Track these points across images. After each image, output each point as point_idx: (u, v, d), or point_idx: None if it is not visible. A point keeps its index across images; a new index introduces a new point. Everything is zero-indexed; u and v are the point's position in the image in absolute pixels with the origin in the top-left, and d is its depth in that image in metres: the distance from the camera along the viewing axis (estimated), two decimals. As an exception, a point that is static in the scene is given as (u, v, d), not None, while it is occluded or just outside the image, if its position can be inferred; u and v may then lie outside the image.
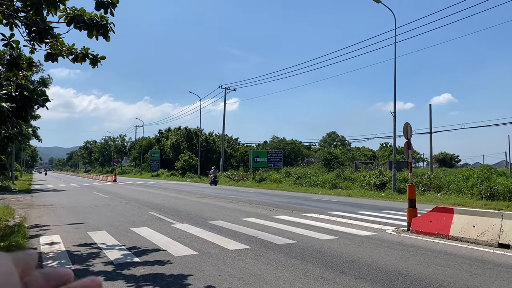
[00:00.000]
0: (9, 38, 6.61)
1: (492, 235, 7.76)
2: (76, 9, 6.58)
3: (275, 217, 12.17)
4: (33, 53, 7.19)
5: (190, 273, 5.81)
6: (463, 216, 8.46)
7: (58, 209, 14.83)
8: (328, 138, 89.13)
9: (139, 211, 13.95)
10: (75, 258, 6.87)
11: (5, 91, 6.01)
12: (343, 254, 7.04)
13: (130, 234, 9.22)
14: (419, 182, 22.35)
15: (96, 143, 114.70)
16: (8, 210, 13.27)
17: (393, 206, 15.67)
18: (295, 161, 69.61)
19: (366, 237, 8.80)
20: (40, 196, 21.83)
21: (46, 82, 31.55)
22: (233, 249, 7.44)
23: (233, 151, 69.76)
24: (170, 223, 10.83)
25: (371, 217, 12.30)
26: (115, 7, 6.32)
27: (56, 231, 9.66)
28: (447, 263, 6.42)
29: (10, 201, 17.84)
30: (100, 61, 7.45)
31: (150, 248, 7.59)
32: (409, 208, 9.71)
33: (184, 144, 68.67)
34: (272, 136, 79.14)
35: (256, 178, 37.82)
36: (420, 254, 7.04)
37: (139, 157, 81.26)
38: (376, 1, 23.79)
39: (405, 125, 10.81)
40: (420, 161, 74.71)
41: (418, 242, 8.22)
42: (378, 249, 7.50)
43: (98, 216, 12.51)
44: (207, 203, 17.15)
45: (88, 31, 6.67)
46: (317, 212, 13.40)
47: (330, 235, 8.88)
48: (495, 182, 18.91)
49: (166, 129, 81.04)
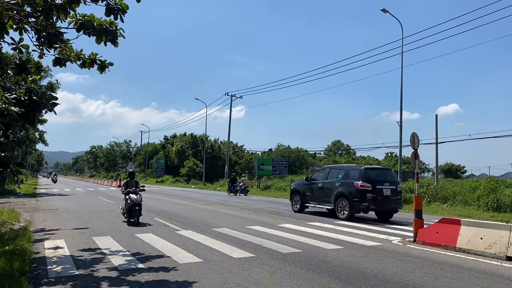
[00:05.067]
0: (18, 43, 6.65)
1: (500, 247, 7.66)
2: (86, 15, 6.62)
3: (280, 225, 12.11)
4: (41, 57, 7.23)
5: (195, 280, 5.77)
6: (471, 228, 8.36)
7: (63, 214, 14.85)
8: (333, 147, 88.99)
9: (144, 216, 13.92)
10: (79, 263, 6.85)
11: (14, 95, 6.04)
12: (348, 264, 6.97)
13: (135, 240, 9.20)
14: (425, 193, 22.18)
15: (101, 148, 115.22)
16: (13, 213, 13.31)
17: (398, 217, 15.55)
18: (300, 169, 69.52)
19: (372, 247, 8.72)
20: (45, 200, 21.89)
21: (54, 87, 31.72)
22: (238, 257, 7.39)
23: (238, 158, 69.75)
24: (175, 230, 10.80)
25: (376, 227, 12.21)
26: (125, 13, 6.35)
27: (60, 236, 9.66)
28: (454, 275, 6.34)
29: (16, 204, 17.88)
30: (108, 67, 7.48)
31: (155, 255, 7.56)
32: (415, 219, 9.62)
33: (189, 150, 68.77)
34: (277, 144, 79.30)
35: (261, 186, 37.76)
36: (427, 266, 6.95)
37: (144, 162, 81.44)
38: (384, 11, 23.85)
39: (412, 135, 10.76)
40: (426, 171, 74.35)
41: (425, 253, 8.13)
42: (384, 259, 7.42)
43: (103, 221, 12.51)
44: (212, 210, 17.11)
45: (97, 37, 6.70)
46: (322, 221, 13.32)
47: (335, 245, 8.81)
48: (502, 193, 18.72)
49: (172, 135, 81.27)
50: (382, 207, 14.46)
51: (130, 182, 12.68)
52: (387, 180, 14.45)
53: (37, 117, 7.18)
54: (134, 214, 11.73)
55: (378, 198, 13.87)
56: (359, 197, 13.84)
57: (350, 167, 16.05)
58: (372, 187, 13.81)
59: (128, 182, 12.69)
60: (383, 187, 14.08)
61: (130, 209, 11.79)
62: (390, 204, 14.46)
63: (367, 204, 13.80)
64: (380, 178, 14.43)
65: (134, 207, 11.77)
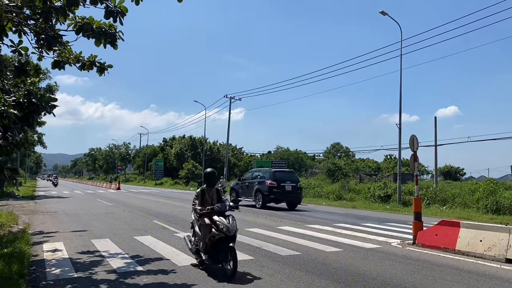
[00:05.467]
0: (18, 45, 6.65)
1: (499, 250, 7.66)
2: (85, 18, 6.63)
3: (279, 227, 12.10)
4: (40, 60, 7.23)
5: (193, 283, 5.76)
6: (470, 230, 8.36)
7: (61, 216, 14.81)
8: (333, 149, 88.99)
9: (143, 219, 13.91)
10: (78, 266, 6.83)
11: (13, 98, 6.03)
12: (348, 266, 6.96)
13: (134, 242, 9.18)
14: (424, 195, 22.20)
15: (100, 151, 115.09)
16: (12, 216, 13.28)
17: (398, 219, 15.55)
18: (299, 171, 69.43)
19: (371, 249, 8.71)
20: (44, 203, 21.84)
21: (53, 89, 31.73)
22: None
23: (237, 160, 69.77)
24: (174, 232, 10.78)
25: (376, 229, 12.20)
26: (124, 16, 6.35)
27: (59, 238, 9.64)
28: (453, 277, 6.33)
29: (14, 207, 17.85)
30: (107, 69, 7.48)
31: (153, 257, 7.54)
32: (414, 221, 9.62)
33: (188, 152, 68.77)
34: (276, 146, 79.25)
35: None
36: (426, 268, 6.95)
37: (143, 165, 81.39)
38: (383, 13, 23.89)
39: (411, 137, 10.76)
40: (425, 173, 74.28)
41: (424, 255, 8.13)
42: (384, 262, 7.41)
43: (102, 224, 12.48)
44: (211, 212, 17.06)
45: (96, 39, 6.70)
46: (321, 224, 13.31)
47: (334, 247, 8.80)
48: (501, 196, 18.75)
49: (171, 137, 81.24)
50: (284, 199, 19.81)
51: (209, 192, 6.95)
52: (290, 180, 19.90)
53: (36, 120, 7.17)
54: (226, 256, 6.10)
55: (282, 192, 19.36)
56: (268, 192, 19.26)
57: (265, 170, 21.31)
58: (277, 185, 19.25)
59: (205, 192, 6.94)
60: (285, 184, 19.52)
61: (215, 244, 6.19)
62: (291, 197, 19.79)
63: (274, 197, 19.28)
64: (284, 178, 19.83)
65: (225, 243, 6.13)
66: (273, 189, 19.18)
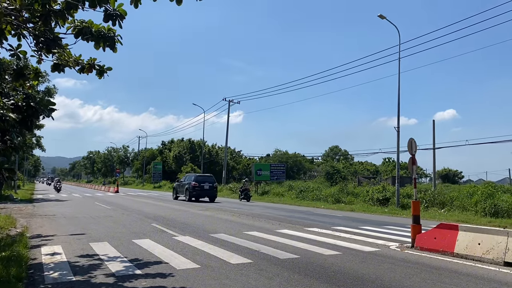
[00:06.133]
0: (17, 49, 6.65)
1: (497, 253, 7.67)
2: (84, 21, 6.63)
3: (277, 231, 12.09)
4: (40, 63, 7.22)
5: (192, 287, 5.75)
6: (468, 233, 8.37)
7: (60, 219, 14.79)
8: (331, 152, 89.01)
9: (141, 222, 13.90)
10: (77, 269, 6.81)
11: (12, 101, 6.04)
12: (346, 270, 6.96)
13: (132, 245, 9.16)
14: (423, 198, 22.21)
15: (99, 154, 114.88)
16: (9, 219, 13.23)
17: (396, 222, 15.56)
18: (298, 174, 69.50)
19: (370, 253, 8.71)
20: (42, 206, 21.79)
21: (52, 92, 31.73)
22: (236, 263, 7.37)
23: (235, 163, 69.73)
24: (172, 235, 10.77)
25: (374, 232, 12.21)
26: (123, 19, 6.36)
27: (57, 242, 9.61)
28: (452, 281, 6.34)
29: (12, 210, 17.79)
30: (106, 72, 7.48)
31: (152, 261, 7.53)
32: (413, 224, 9.63)
33: (187, 156, 68.74)
34: (275, 149, 79.14)
35: (259, 191, 37.73)
36: (425, 271, 6.95)
37: (141, 168, 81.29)
38: (381, 17, 23.98)
39: (409, 140, 10.78)
40: (423, 176, 74.33)
41: (423, 259, 8.13)
42: (382, 265, 7.42)
43: (100, 227, 12.46)
44: (209, 215, 17.08)
45: (95, 43, 6.71)
46: (320, 227, 13.31)
47: (333, 251, 8.80)
48: (500, 199, 18.76)
49: (169, 140, 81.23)
50: (204, 195, 28.14)
51: None
52: (208, 181, 28.44)
53: (34, 123, 7.17)
54: None
55: (202, 190, 27.79)
56: (192, 190, 27.63)
57: (192, 174, 31.24)
58: (198, 185, 27.71)
59: None
60: (204, 184, 27.94)
61: None
62: (208, 193, 28.18)
63: (196, 193, 27.65)
64: (204, 180, 28.38)
65: None
66: (195, 188, 27.63)
